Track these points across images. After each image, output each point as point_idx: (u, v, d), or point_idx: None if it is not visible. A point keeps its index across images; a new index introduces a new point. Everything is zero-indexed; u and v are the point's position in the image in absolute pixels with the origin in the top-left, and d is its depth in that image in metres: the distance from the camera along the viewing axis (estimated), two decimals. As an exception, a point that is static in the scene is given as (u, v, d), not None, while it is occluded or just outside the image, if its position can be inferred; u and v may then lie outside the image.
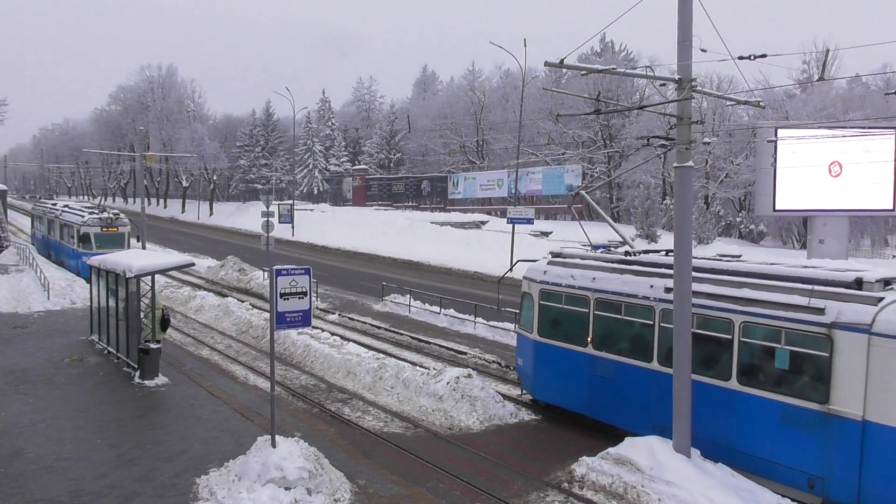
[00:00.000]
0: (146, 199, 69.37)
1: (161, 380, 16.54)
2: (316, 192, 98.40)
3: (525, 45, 35.11)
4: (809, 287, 10.66)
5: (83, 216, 33.69)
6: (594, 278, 13.70)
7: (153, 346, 16.71)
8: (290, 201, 66.71)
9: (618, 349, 13.26)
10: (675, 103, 11.00)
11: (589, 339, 13.63)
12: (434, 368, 16.72)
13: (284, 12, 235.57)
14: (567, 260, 14.91)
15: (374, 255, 46.80)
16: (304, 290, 11.13)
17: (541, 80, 70.65)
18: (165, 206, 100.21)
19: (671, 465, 10.66)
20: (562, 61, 10.39)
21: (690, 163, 10.93)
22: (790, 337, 10.60)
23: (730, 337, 11.31)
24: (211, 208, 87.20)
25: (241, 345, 21.21)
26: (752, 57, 10.71)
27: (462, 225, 57.80)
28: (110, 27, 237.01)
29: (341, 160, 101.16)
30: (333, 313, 26.22)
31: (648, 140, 13.52)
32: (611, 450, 11.43)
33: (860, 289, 10.49)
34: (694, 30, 10.40)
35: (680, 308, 10.98)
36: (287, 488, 10.17)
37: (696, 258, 12.18)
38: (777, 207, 51.06)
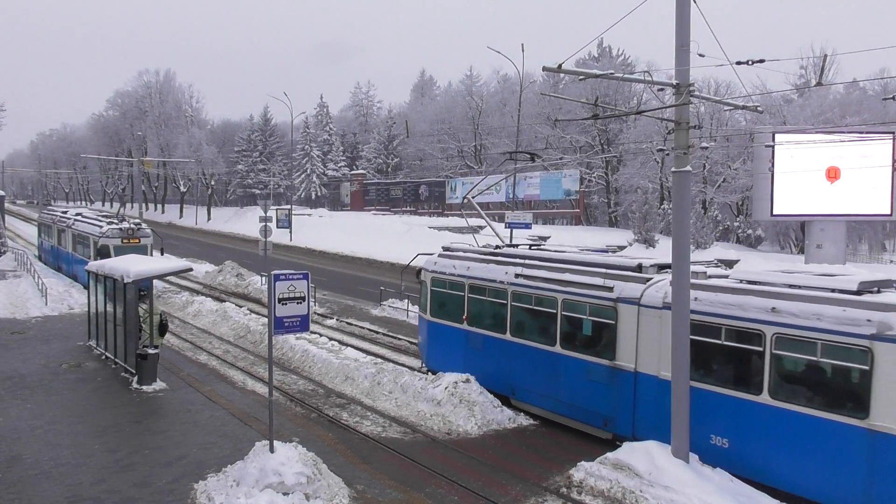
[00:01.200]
0: (144, 205, 69.35)
1: (159, 385, 16.51)
2: (314, 196, 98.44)
3: (523, 50, 35.20)
4: (605, 271, 13.60)
5: (100, 226, 30.68)
6: (469, 267, 16.55)
7: (151, 351, 16.69)
8: (289, 206, 66.74)
9: (484, 325, 16.07)
10: (672, 108, 11.03)
11: (464, 317, 16.50)
12: (432, 373, 16.70)
13: (283, 18, 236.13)
14: (452, 253, 17.75)
15: (372, 259, 46.79)
16: (303, 294, 11.13)
17: (538, 85, 70.80)
18: (163, 212, 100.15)
19: (669, 470, 10.66)
20: (560, 66, 10.42)
21: (688, 167, 10.95)
22: (592, 309, 13.51)
23: (555, 311, 14.19)
24: (209, 213, 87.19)
25: (238, 350, 21.18)
26: (750, 62, 10.75)
27: (460, 230, 57.82)
28: (108, 33, 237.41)
29: (339, 165, 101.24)
30: (332, 318, 26.19)
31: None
32: (609, 454, 11.42)
33: (639, 272, 13.27)
34: (692, 35, 10.44)
35: (678, 313, 10.98)
36: (285, 493, 10.16)
37: (540, 250, 16.55)
38: (775, 212, 51.18)
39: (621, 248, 51.76)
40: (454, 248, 18.24)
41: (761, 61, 10.73)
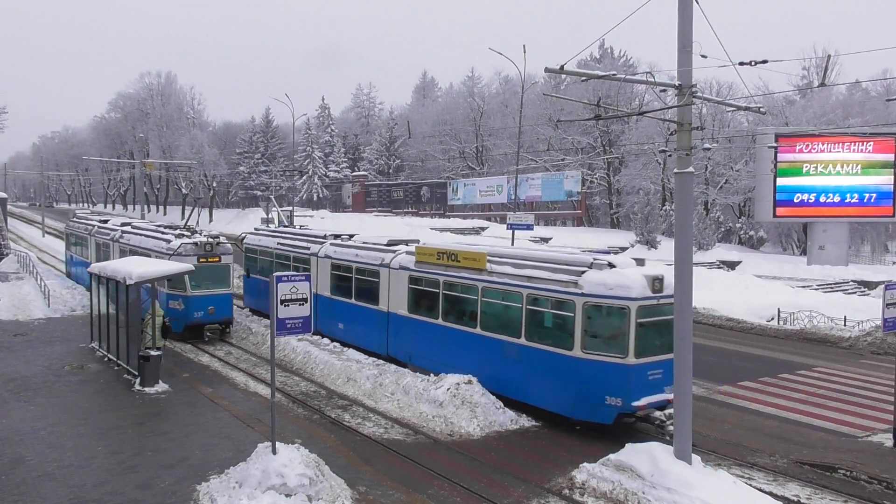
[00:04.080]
0: (146, 207, 69.45)
1: (161, 387, 16.52)
2: (316, 198, 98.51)
3: (524, 52, 35.23)
4: (376, 246, 19.73)
5: (168, 240, 23.42)
6: (259, 240, 26.14)
7: (153, 353, 16.70)
8: (290, 208, 66.79)
9: (265, 274, 23.81)
10: (674, 109, 11.03)
11: (254, 274, 25.86)
12: (434, 375, 16.70)
13: (284, 19, 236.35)
14: (258, 232, 27.69)
15: (374, 261, 46.74)
16: (305, 296, 11.14)
17: (540, 86, 70.80)
18: (165, 213, 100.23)
19: (672, 472, 10.64)
20: (562, 67, 10.41)
21: (691, 169, 10.94)
22: (371, 272, 19.50)
23: (350, 275, 19.95)
24: (210, 215, 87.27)
25: (241, 351, 21.19)
26: (753, 63, 10.74)
27: (462, 231, 57.85)
28: (109, 35, 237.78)
29: (341, 166, 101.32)
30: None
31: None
32: (611, 456, 11.41)
33: (391, 247, 19.43)
34: (694, 35, 10.43)
35: (681, 314, 10.98)
36: (288, 495, 10.15)
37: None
38: (777, 213, 51.18)
39: (623, 249, 51.72)
40: (259, 228, 29.73)
41: (764, 62, 10.72)
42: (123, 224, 29.94)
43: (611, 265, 14.16)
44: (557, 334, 14.29)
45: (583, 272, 14.04)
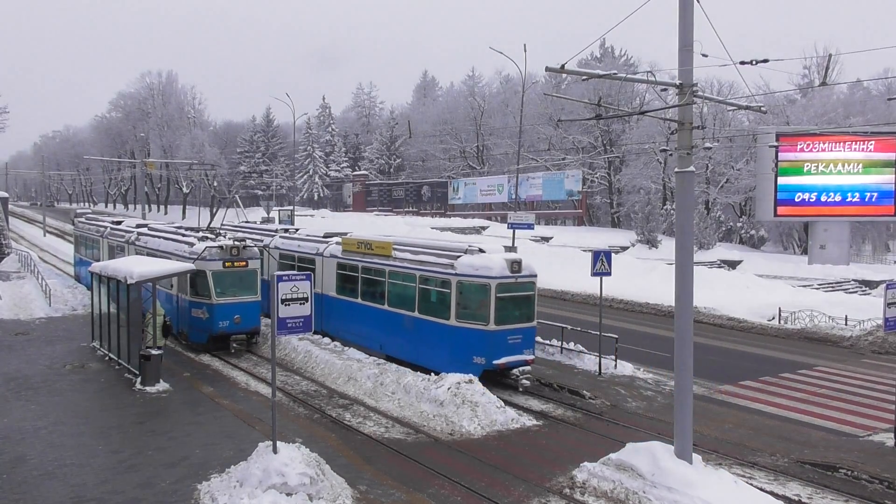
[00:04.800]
0: (147, 206, 69.47)
1: (162, 386, 16.53)
2: (316, 197, 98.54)
3: (525, 51, 35.17)
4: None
5: (190, 243, 21.52)
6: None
7: (154, 352, 16.71)
8: (291, 207, 66.78)
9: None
10: (675, 108, 11.02)
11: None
12: (435, 374, 16.70)
13: (285, 18, 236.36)
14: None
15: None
16: (306, 295, 11.14)
17: (541, 86, 70.80)
18: (166, 213, 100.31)
19: (673, 471, 10.63)
20: (562, 66, 10.41)
21: (691, 168, 10.93)
22: (308, 260, 21.52)
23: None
24: (211, 215, 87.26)
25: (241, 350, 21.18)
26: (754, 62, 10.72)
27: (463, 230, 57.82)
28: (110, 34, 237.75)
29: (341, 166, 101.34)
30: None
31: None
32: (612, 455, 11.40)
33: (327, 238, 21.76)
34: (695, 35, 10.42)
35: (681, 314, 10.97)
36: (289, 494, 10.15)
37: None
38: (778, 212, 51.15)
39: (623, 248, 51.73)
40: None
41: (765, 61, 10.71)
42: (139, 225, 28.46)
43: (481, 251, 17.07)
44: (439, 307, 17.09)
45: (458, 257, 16.93)
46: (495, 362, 16.36)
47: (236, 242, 20.81)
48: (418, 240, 20.49)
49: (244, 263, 20.48)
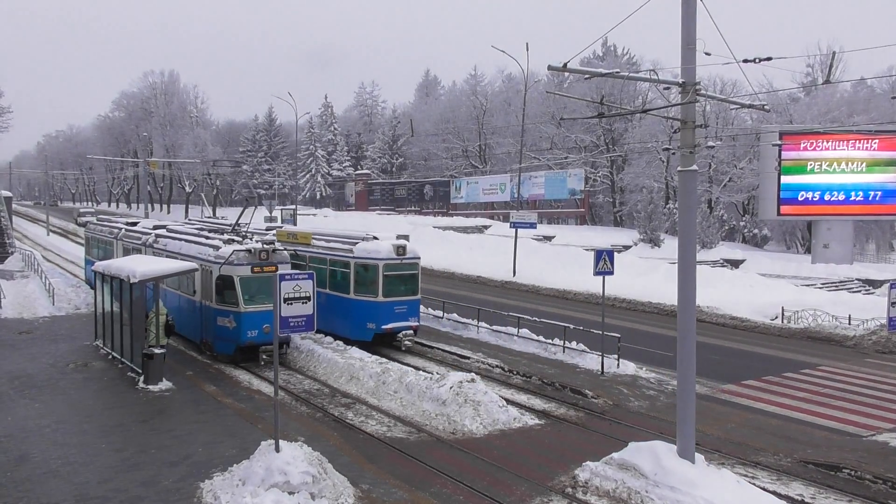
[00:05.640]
0: (149, 205, 69.55)
1: (165, 384, 16.55)
2: (319, 196, 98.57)
3: (527, 50, 35.21)
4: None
5: (215, 246, 19.95)
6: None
7: (157, 351, 16.74)
8: (293, 206, 66.84)
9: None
10: (678, 107, 10.99)
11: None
12: (437, 373, 16.72)
13: (287, 18, 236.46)
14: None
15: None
16: (308, 294, 11.15)
17: (543, 85, 70.70)
18: (169, 212, 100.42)
19: (675, 471, 10.62)
20: (565, 65, 10.39)
21: (694, 167, 10.91)
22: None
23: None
24: (214, 214, 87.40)
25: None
26: (757, 60, 10.68)
27: (465, 229, 57.80)
28: (112, 34, 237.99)
29: (344, 165, 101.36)
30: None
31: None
32: (615, 455, 11.39)
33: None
34: (698, 33, 10.40)
35: (684, 313, 10.96)
36: (291, 493, 10.17)
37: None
38: (781, 211, 51.04)
39: (626, 247, 51.68)
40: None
41: (768, 59, 10.66)
42: (157, 227, 27.03)
43: (375, 238, 21.17)
44: (343, 284, 21.02)
45: (356, 243, 21.00)
46: (384, 327, 20.30)
47: (265, 246, 19.32)
48: (330, 230, 25.17)
49: (274, 268, 18.89)
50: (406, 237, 21.99)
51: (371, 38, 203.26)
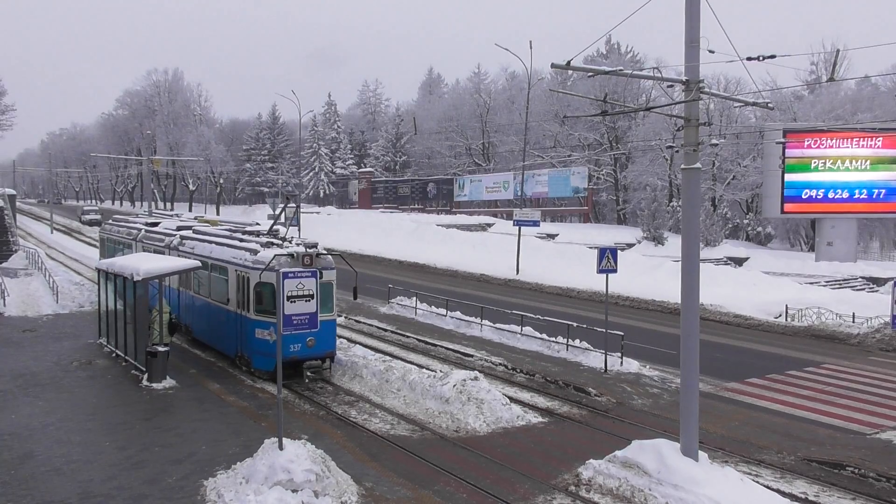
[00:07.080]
0: (153, 203, 69.68)
1: (169, 383, 16.59)
2: (322, 194, 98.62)
3: (531, 48, 35.14)
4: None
5: (253, 250, 18.08)
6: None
7: (161, 349, 16.77)
8: (295, 205, 66.81)
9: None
10: (682, 105, 10.97)
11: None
12: (440, 371, 16.71)
13: (290, 16, 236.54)
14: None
15: (381, 257, 46.85)
16: (311, 292, 11.16)
17: (546, 83, 70.62)
18: (172, 210, 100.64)
19: (679, 469, 10.61)
20: (568, 63, 10.37)
21: (698, 165, 10.88)
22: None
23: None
24: (217, 211, 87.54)
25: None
26: (761, 58, 10.65)
27: (468, 227, 57.78)
28: (117, 32, 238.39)
29: (347, 163, 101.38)
30: (340, 315, 26.20)
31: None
32: (618, 453, 11.39)
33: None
34: (701, 31, 10.37)
35: (688, 311, 10.94)
36: (294, 491, 10.18)
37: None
38: (785, 209, 50.91)
39: (629, 245, 51.62)
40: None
41: (772, 57, 10.63)
42: (181, 227, 24.48)
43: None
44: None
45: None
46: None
47: (309, 250, 17.49)
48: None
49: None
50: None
51: (375, 36, 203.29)
